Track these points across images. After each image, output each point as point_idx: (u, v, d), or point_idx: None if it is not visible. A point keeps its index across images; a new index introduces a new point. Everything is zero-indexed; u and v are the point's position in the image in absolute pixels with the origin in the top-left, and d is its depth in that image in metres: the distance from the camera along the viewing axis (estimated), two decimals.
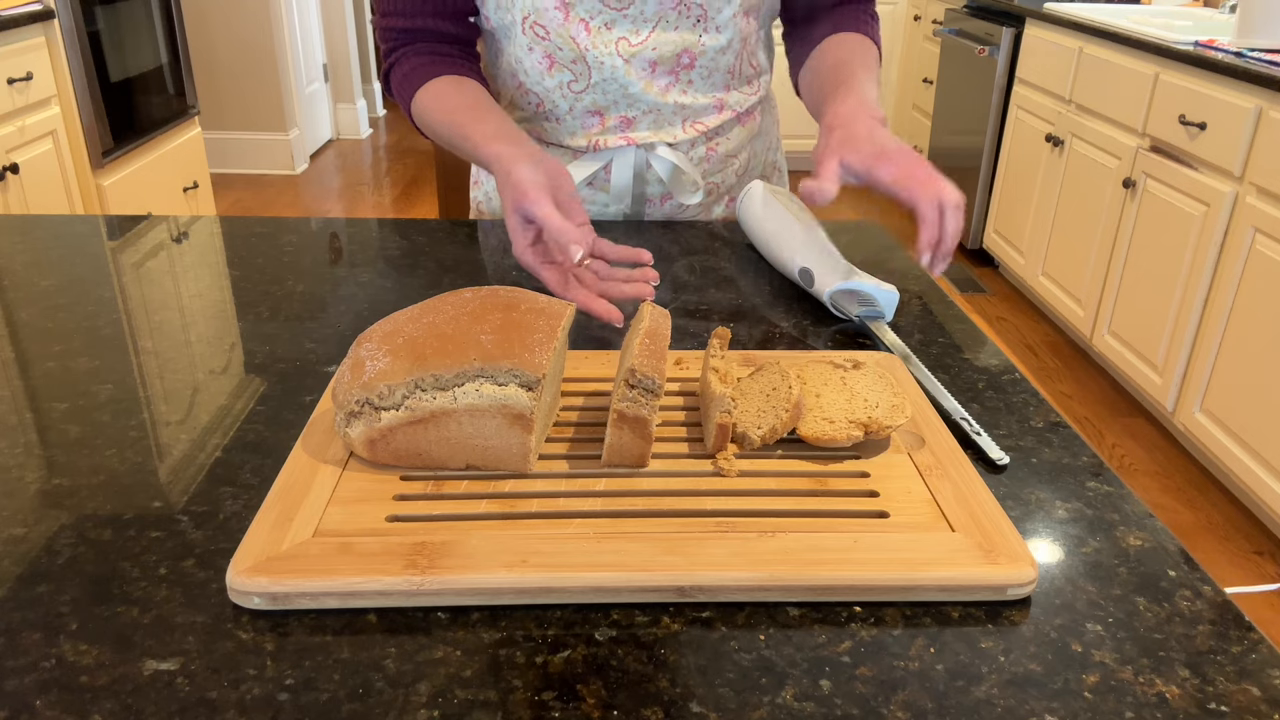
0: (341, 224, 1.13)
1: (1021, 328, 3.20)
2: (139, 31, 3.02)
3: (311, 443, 0.63)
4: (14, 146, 2.45)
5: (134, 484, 0.62)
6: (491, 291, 0.64)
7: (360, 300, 0.89)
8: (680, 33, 0.99)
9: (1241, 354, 2.19)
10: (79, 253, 0.99)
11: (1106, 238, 2.77)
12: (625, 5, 0.96)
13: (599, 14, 0.96)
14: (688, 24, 0.99)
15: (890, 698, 0.46)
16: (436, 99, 0.99)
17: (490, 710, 0.45)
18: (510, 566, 0.51)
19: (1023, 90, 3.29)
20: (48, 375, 0.75)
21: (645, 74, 1.00)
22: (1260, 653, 0.50)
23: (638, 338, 0.60)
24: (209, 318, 0.86)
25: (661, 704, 0.46)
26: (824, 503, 0.58)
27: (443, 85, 1.00)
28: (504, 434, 0.59)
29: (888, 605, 0.52)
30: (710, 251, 1.02)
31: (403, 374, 0.58)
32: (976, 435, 0.67)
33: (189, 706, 0.45)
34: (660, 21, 0.98)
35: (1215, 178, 2.30)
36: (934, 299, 0.92)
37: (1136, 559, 0.57)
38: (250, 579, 0.50)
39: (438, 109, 0.99)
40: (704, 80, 1.03)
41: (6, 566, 0.54)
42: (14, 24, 2.43)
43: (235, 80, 4.51)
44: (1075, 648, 0.50)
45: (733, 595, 0.52)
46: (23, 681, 0.46)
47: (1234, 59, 2.25)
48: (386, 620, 0.51)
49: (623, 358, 0.63)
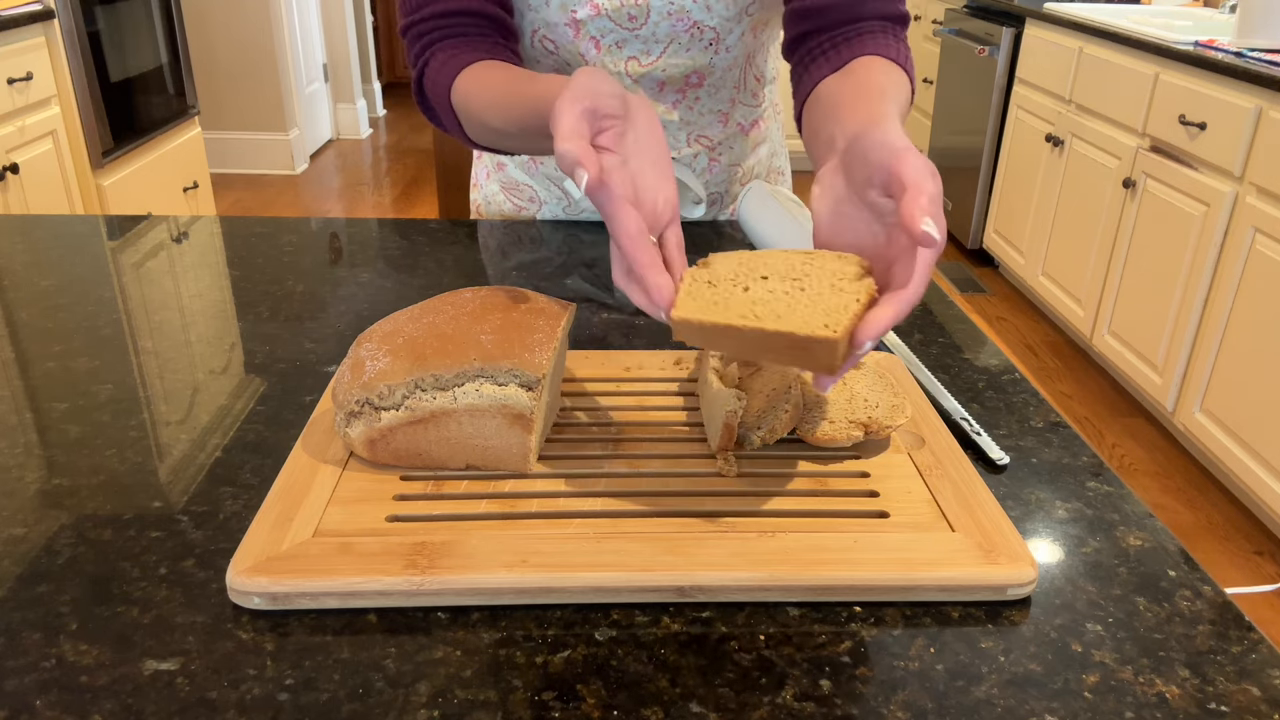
0: (341, 224, 1.13)
1: (1021, 328, 3.20)
2: (139, 31, 3.02)
3: (311, 443, 0.63)
4: (14, 146, 2.45)
5: (134, 484, 0.62)
6: (491, 291, 0.64)
7: (360, 300, 0.89)
8: (691, 54, 0.97)
9: (1241, 354, 2.19)
10: (79, 253, 0.99)
11: (1106, 238, 2.77)
12: (637, 26, 0.94)
13: (610, 33, 0.95)
14: (700, 46, 0.97)
15: (890, 698, 0.46)
16: (480, 80, 0.84)
17: (490, 710, 0.45)
18: (510, 566, 0.51)
19: (1023, 90, 3.29)
20: (48, 375, 0.75)
21: (652, 92, 0.99)
22: (1260, 653, 0.50)
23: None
24: (209, 318, 0.86)
25: (661, 704, 0.46)
26: (824, 503, 0.58)
27: (484, 69, 0.86)
28: (504, 434, 0.59)
29: (888, 605, 0.52)
30: (712, 250, 1.02)
31: (403, 374, 0.58)
32: (976, 435, 0.67)
33: (189, 706, 0.45)
34: (672, 43, 0.96)
35: (1215, 178, 2.30)
36: (934, 299, 0.92)
37: (1136, 559, 0.57)
38: (250, 579, 0.50)
39: (483, 87, 0.83)
40: (711, 97, 1.02)
41: (6, 566, 0.54)
42: (14, 24, 2.43)
43: (235, 80, 4.51)
44: (1075, 648, 0.50)
45: (733, 595, 0.52)
46: (23, 681, 0.46)
47: (1234, 59, 2.25)
48: (386, 620, 0.51)
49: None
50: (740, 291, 0.52)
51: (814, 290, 0.51)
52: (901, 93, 0.76)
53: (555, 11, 0.93)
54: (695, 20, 0.94)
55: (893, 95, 0.73)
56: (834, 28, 0.86)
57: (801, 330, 0.48)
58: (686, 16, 0.93)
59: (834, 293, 0.51)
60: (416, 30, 0.92)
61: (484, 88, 0.83)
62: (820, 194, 0.60)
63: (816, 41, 0.87)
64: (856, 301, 0.50)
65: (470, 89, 0.84)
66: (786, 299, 0.51)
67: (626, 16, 0.93)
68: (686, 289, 0.53)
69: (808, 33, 0.88)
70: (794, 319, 0.49)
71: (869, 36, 0.85)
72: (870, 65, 0.79)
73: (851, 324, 0.49)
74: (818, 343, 0.48)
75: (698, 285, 0.53)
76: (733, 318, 0.50)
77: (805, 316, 0.49)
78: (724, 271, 0.54)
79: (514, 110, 0.76)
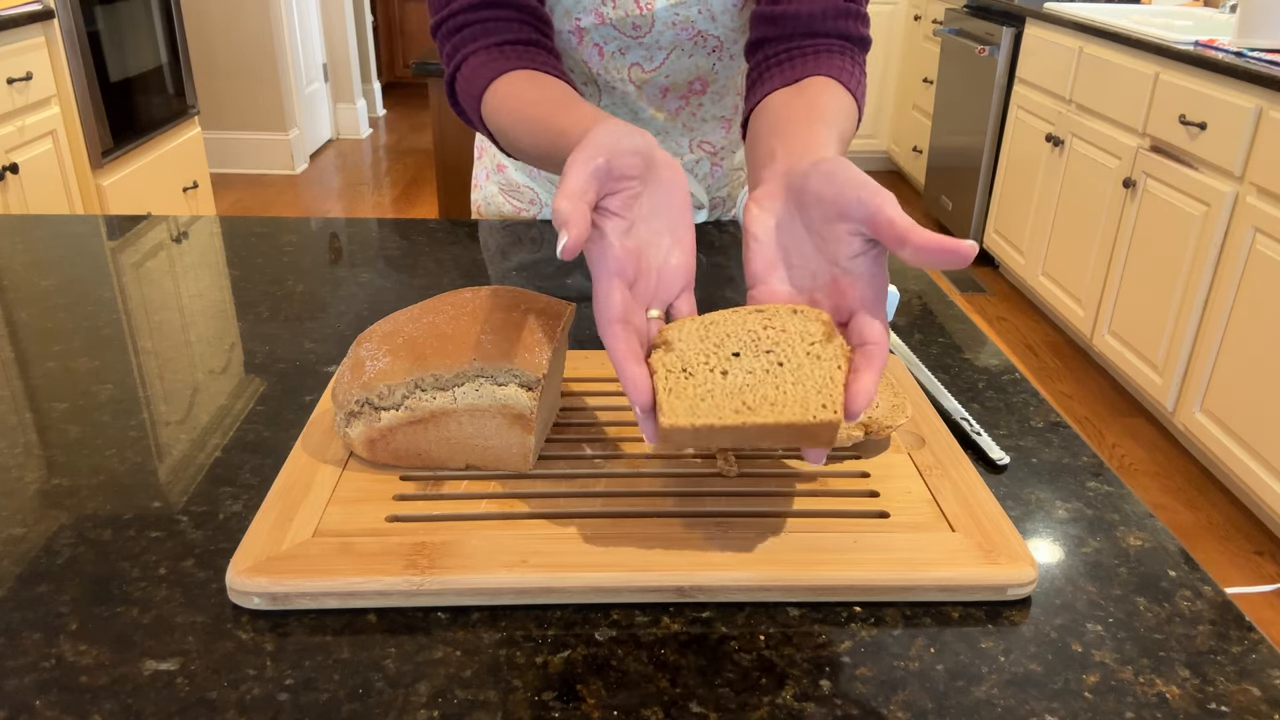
0: (341, 224, 1.13)
1: (1021, 328, 3.20)
2: (139, 31, 3.02)
3: (311, 443, 0.63)
4: (14, 146, 2.45)
5: (134, 484, 0.62)
6: (491, 291, 0.64)
7: (360, 300, 0.89)
8: (695, 60, 0.97)
9: (1241, 354, 2.19)
10: (79, 253, 0.99)
11: (1106, 238, 2.77)
12: (640, 34, 0.94)
13: (613, 39, 0.94)
14: (703, 53, 0.96)
15: (890, 698, 0.46)
16: (511, 96, 0.81)
17: (490, 710, 0.45)
18: (510, 566, 0.51)
19: (1023, 90, 3.29)
20: (48, 375, 0.75)
21: (656, 99, 0.99)
22: (1260, 653, 0.50)
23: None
24: (209, 318, 0.86)
25: (661, 704, 0.46)
26: (824, 503, 0.58)
27: (518, 81, 0.82)
28: (504, 434, 0.59)
29: (888, 605, 0.52)
30: (713, 250, 1.02)
31: (403, 374, 0.58)
32: (976, 435, 0.67)
33: (189, 706, 0.45)
34: (675, 50, 0.96)
35: (1215, 178, 2.30)
36: (934, 299, 0.92)
37: (1136, 559, 0.57)
38: (250, 579, 0.50)
39: (514, 104, 0.80)
40: (714, 104, 1.02)
41: (6, 566, 0.54)
42: (14, 24, 2.43)
43: (235, 80, 4.51)
44: (1075, 648, 0.50)
45: (733, 595, 0.52)
46: (23, 681, 0.46)
47: (1234, 59, 2.25)
48: (386, 620, 0.51)
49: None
50: (719, 377, 0.51)
51: (793, 363, 0.51)
52: (848, 121, 0.75)
53: (559, 19, 0.93)
54: (699, 29, 0.93)
55: (836, 122, 0.71)
56: (794, 39, 0.85)
57: (802, 418, 0.48)
58: (690, 26, 0.93)
59: (814, 362, 0.51)
60: (448, 27, 0.87)
61: (515, 106, 0.80)
62: (758, 215, 0.58)
63: (775, 50, 0.85)
64: (839, 369, 0.50)
65: (500, 105, 0.81)
66: (772, 380, 0.50)
67: (630, 25, 0.93)
68: (664, 385, 0.50)
69: (768, 39, 0.86)
70: (790, 405, 0.49)
71: (826, 56, 0.83)
72: (823, 87, 0.78)
73: (842, 395, 0.49)
74: (821, 427, 0.48)
75: (673, 377, 0.51)
76: (727, 416, 0.49)
77: (799, 399, 0.49)
78: (691, 353, 0.52)
79: (540, 136, 0.74)
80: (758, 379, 0.50)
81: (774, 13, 0.86)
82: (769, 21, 0.86)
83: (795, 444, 0.50)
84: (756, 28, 0.88)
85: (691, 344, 0.52)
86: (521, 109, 0.78)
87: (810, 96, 0.76)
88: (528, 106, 0.77)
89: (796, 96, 0.76)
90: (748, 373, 0.51)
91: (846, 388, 0.49)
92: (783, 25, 0.85)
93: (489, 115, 0.82)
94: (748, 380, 0.50)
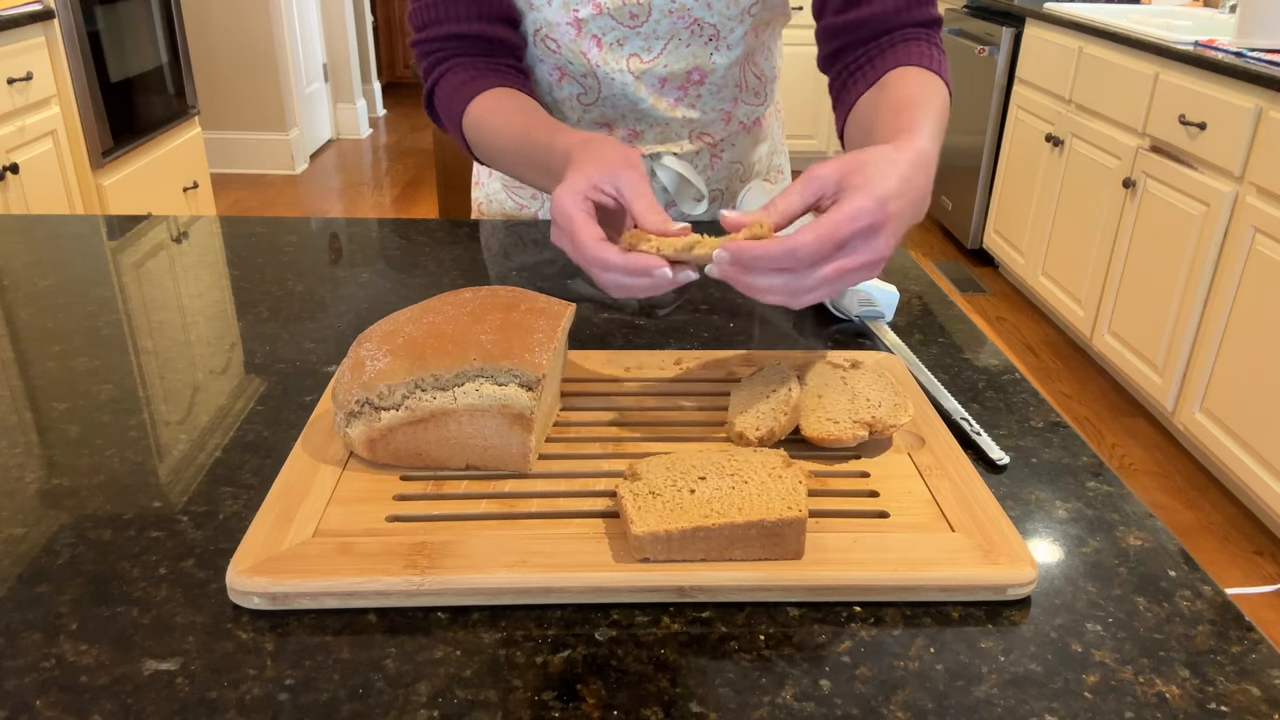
0: (341, 224, 1.13)
1: (1021, 328, 3.20)
2: (139, 31, 3.02)
3: (311, 443, 0.63)
4: (14, 146, 2.45)
5: (134, 484, 0.62)
6: (491, 291, 0.64)
7: (360, 300, 0.89)
8: (692, 50, 0.97)
9: (1241, 354, 2.19)
10: (79, 253, 0.99)
11: (1106, 238, 2.77)
12: (638, 24, 0.95)
13: (611, 30, 0.95)
14: (700, 42, 0.97)
15: (890, 698, 0.46)
16: (491, 111, 0.89)
17: (490, 710, 0.45)
18: (510, 566, 0.51)
19: (1023, 90, 3.29)
20: (48, 375, 0.75)
21: (654, 90, 1.00)
22: (1260, 653, 0.50)
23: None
24: (209, 318, 0.86)
25: (661, 704, 0.46)
26: (824, 502, 0.58)
27: (498, 98, 0.90)
28: (504, 434, 0.59)
29: (888, 605, 0.52)
30: None
31: (403, 374, 0.58)
32: (976, 435, 0.67)
33: (189, 706, 0.45)
34: (672, 40, 0.96)
35: (1215, 178, 2.30)
36: (934, 299, 0.92)
37: (1136, 559, 0.57)
38: (250, 579, 0.50)
39: (494, 121, 0.88)
40: (713, 95, 1.03)
41: (6, 566, 0.54)
42: (14, 24, 2.43)
43: (235, 80, 4.51)
44: (1075, 648, 0.50)
45: (733, 595, 0.52)
46: (23, 681, 0.46)
47: (1234, 59, 2.25)
48: (386, 620, 0.51)
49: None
50: (687, 494, 0.54)
51: (756, 481, 0.54)
52: (936, 99, 0.77)
53: (557, 11, 0.94)
54: (696, 18, 0.94)
55: (924, 104, 0.74)
56: (867, 41, 0.88)
57: (770, 516, 0.51)
58: (687, 14, 0.94)
59: (775, 480, 0.54)
60: (425, 48, 0.96)
61: (496, 122, 0.89)
62: (815, 173, 0.62)
63: (852, 57, 0.88)
64: (800, 484, 0.54)
65: (481, 122, 0.90)
66: (738, 494, 0.54)
67: (628, 15, 0.94)
68: (633, 505, 0.53)
69: (842, 48, 0.89)
70: (756, 508, 0.52)
71: (902, 46, 0.86)
72: (903, 77, 0.81)
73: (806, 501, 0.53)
74: (788, 525, 0.51)
75: (641, 498, 0.54)
76: (697, 519, 0.52)
77: (764, 504, 0.52)
78: (658, 480, 0.55)
79: (523, 151, 0.83)
80: (724, 494, 0.54)
81: (843, 22, 0.88)
82: (840, 31, 0.89)
83: (764, 554, 0.53)
84: (828, 40, 0.91)
85: (658, 474, 0.56)
86: (501, 128, 0.87)
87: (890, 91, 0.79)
88: (508, 125, 0.87)
89: (879, 95, 0.80)
90: (714, 489, 0.54)
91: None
92: (856, 31, 0.88)
93: (470, 129, 0.92)
94: (715, 494, 0.54)
